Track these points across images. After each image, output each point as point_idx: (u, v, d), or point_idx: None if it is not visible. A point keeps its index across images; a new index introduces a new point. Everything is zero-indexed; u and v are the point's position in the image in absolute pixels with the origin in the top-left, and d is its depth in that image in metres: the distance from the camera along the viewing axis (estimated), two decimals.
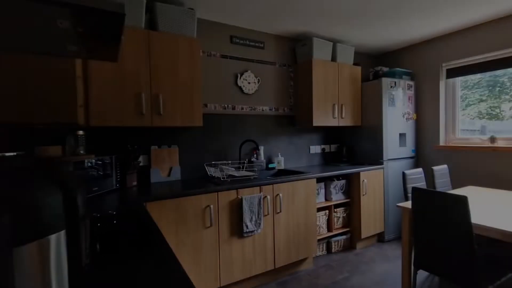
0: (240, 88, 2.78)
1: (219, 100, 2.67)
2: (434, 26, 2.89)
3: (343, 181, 2.97)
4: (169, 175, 2.33)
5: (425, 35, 3.16)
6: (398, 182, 3.19)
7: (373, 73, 3.37)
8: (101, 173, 1.90)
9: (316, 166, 3.12)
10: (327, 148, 3.46)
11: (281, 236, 2.34)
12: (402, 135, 3.25)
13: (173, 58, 2.11)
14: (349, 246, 3.00)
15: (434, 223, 1.60)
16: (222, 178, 2.28)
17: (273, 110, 3.01)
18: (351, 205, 3.00)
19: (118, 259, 0.85)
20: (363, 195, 2.91)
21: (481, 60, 2.90)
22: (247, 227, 2.12)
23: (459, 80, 3.19)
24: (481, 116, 3.12)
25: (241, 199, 2.12)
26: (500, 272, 1.57)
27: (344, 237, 2.93)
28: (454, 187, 3.06)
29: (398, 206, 2.02)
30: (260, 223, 2.18)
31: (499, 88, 2.96)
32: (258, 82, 2.88)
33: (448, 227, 1.53)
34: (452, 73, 3.16)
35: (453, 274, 1.55)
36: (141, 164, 2.28)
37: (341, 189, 2.96)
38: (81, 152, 1.82)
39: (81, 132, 1.83)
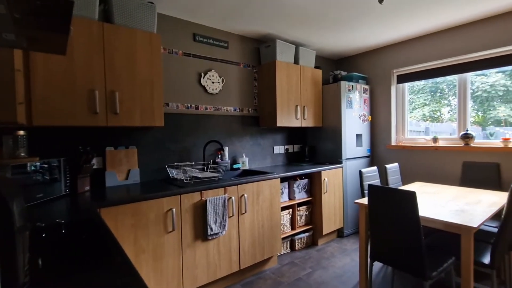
0: (204, 87, 2.72)
1: (182, 100, 2.58)
2: (385, 35, 3.13)
3: (305, 180, 3.06)
4: (126, 178, 2.19)
5: (378, 43, 3.40)
6: (356, 180, 3.39)
7: (332, 77, 3.54)
8: (48, 178, 1.71)
9: (280, 166, 3.18)
10: (290, 148, 3.55)
11: (246, 236, 2.34)
12: (358, 136, 3.46)
13: (131, 53, 1.99)
14: (312, 242, 3.11)
15: (387, 217, 1.72)
16: (185, 180, 2.20)
17: (238, 110, 3.00)
18: (313, 203, 3.12)
19: (66, 274, 0.77)
20: (324, 193, 3.04)
21: (425, 68, 3.22)
22: (211, 229, 2.08)
23: (407, 86, 3.50)
24: (425, 118, 3.45)
25: (206, 201, 2.07)
26: (441, 259, 1.75)
27: (306, 234, 3.03)
28: (404, 183, 3.35)
29: (355, 202, 2.14)
30: (225, 225, 2.15)
31: (439, 94, 3.30)
32: (223, 82, 2.84)
33: (399, 221, 1.66)
34: (402, 79, 3.46)
35: (403, 264, 1.68)
36: (94, 167, 2.11)
37: (304, 188, 3.05)
38: (22, 154, 1.62)
39: (21, 132, 1.63)
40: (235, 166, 2.90)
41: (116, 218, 1.67)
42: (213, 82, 2.77)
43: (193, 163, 2.63)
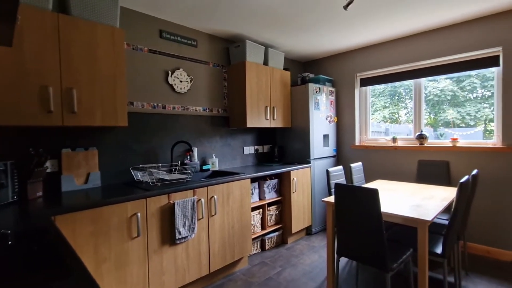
0: (171, 86, 2.62)
1: (148, 98, 2.47)
2: (350, 40, 3.28)
3: (275, 180, 3.10)
4: (86, 182, 2.04)
5: (343, 47, 3.56)
6: (323, 179, 3.51)
7: (301, 79, 3.63)
8: None
9: (250, 167, 3.19)
10: (260, 148, 3.57)
11: (216, 239, 2.30)
12: (325, 136, 3.59)
13: (90, 48, 1.85)
14: (281, 241, 3.15)
15: (352, 214, 1.80)
16: (152, 182, 2.11)
17: (207, 110, 2.94)
18: (283, 203, 3.16)
19: None
20: (294, 192, 3.10)
21: (385, 73, 3.44)
22: (180, 233, 2.01)
23: (369, 89, 3.71)
24: (385, 120, 3.69)
25: (173, 204, 2.00)
26: (400, 251, 1.87)
27: (276, 233, 3.07)
28: (367, 181, 3.54)
29: (323, 201, 2.21)
30: (194, 228, 2.09)
31: (397, 97, 3.55)
32: (191, 81, 2.77)
33: (363, 217, 1.74)
34: (364, 82, 3.65)
35: (367, 258, 1.77)
36: (48, 170, 1.93)
37: (274, 188, 3.09)
38: None
39: None
40: (204, 167, 2.84)
41: (73, 226, 1.54)
42: (181, 81, 2.68)
43: (160, 164, 2.52)
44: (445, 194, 2.26)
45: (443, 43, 2.92)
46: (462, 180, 1.82)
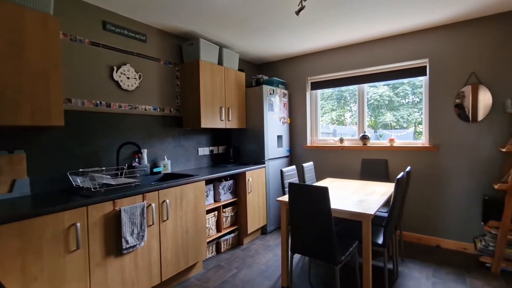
0: (117, 83, 2.42)
1: (89, 95, 2.24)
2: (300, 45, 3.43)
3: (230, 181, 3.08)
4: (10, 190, 1.76)
5: (295, 51, 3.71)
6: (277, 179, 3.60)
7: (255, 80, 3.68)
8: None
9: (205, 168, 3.11)
10: (215, 149, 3.51)
11: (169, 245, 2.19)
12: (279, 137, 3.69)
13: (16, 36, 1.60)
14: (237, 243, 3.14)
15: (305, 212, 1.88)
16: (94, 188, 1.91)
17: (158, 110, 2.79)
18: (238, 204, 3.16)
19: None
20: (249, 193, 3.11)
21: (332, 78, 3.67)
22: (127, 242, 1.86)
23: (319, 92, 3.92)
24: (333, 122, 3.94)
25: (120, 210, 1.84)
26: (348, 244, 2.01)
27: (232, 235, 3.05)
28: (318, 180, 3.73)
29: (277, 200, 2.26)
30: (143, 235, 1.96)
31: (343, 101, 3.82)
32: (140, 78, 2.60)
33: (314, 214, 1.83)
34: (314, 86, 3.85)
35: (318, 253, 1.86)
36: None
37: (229, 189, 3.06)
38: None
39: None
40: (155, 170, 2.68)
41: None
42: (128, 78, 2.49)
43: (104, 168, 2.30)
44: (385, 189, 2.50)
45: (382, 53, 3.23)
46: (398, 176, 2.03)
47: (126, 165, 2.48)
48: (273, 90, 3.56)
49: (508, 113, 2.53)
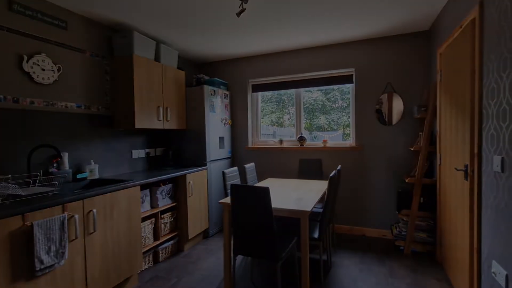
0: (28, 74, 2.05)
1: None
2: (242, 47, 3.46)
3: (169, 185, 2.91)
4: None
5: (236, 53, 3.72)
6: (219, 181, 3.55)
7: (196, 80, 3.56)
8: None
9: (140, 172, 2.87)
10: (152, 152, 3.28)
11: (97, 260, 1.94)
12: (221, 138, 3.65)
13: None
14: (177, 249, 2.98)
15: (247, 213, 1.89)
16: None
17: (83, 107, 2.46)
18: (178, 208, 3.00)
19: None
20: (190, 196, 2.99)
21: (272, 81, 3.81)
22: (41, 262, 1.58)
23: (260, 95, 4.02)
24: (272, 123, 4.09)
25: (32, 226, 1.55)
26: (287, 241, 2.10)
27: (172, 242, 2.88)
28: (259, 180, 3.81)
29: (220, 202, 2.22)
30: (63, 252, 1.69)
31: (282, 104, 4.00)
32: (59, 70, 2.25)
33: (256, 214, 1.85)
34: (255, 88, 3.94)
35: (259, 252, 1.89)
36: None
37: (168, 194, 2.89)
38: None
39: None
40: (79, 176, 2.35)
41: None
42: (43, 69, 2.14)
43: (10, 176, 1.92)
44: (320, 187, 2.70)
45: (316, 60, 3.49)
46: (331, 174, 2.21)
47: (41, 171, 2.11)
48: (215, 90, 3.51)
49: (415, 118, 3.00)
